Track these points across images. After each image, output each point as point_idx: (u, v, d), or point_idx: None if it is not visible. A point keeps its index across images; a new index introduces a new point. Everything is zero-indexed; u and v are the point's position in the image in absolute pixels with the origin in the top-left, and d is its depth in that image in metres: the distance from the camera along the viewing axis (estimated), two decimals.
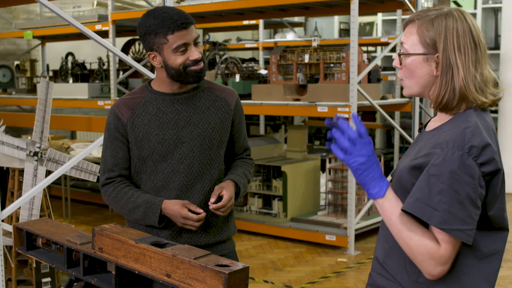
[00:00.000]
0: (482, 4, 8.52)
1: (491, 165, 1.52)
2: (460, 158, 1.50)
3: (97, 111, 8.45)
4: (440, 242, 1.52)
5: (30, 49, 9.41)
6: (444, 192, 1.51)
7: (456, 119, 1.61)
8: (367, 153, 1.57)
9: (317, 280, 4.75)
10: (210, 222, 2.28)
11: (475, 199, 1.50)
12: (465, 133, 1.53)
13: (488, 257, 1.60)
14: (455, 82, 1.59)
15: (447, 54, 1.60)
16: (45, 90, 3.79)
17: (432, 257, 1.53)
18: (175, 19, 2.12)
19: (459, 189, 1.49)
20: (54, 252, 2.02)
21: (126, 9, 7.22)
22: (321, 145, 10.82)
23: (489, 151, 1.52)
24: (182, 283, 1.57)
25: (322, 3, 6.27)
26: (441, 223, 1.51)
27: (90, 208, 7.43)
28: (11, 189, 3.89)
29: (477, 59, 1.60)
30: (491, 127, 1.61)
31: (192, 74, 2.18)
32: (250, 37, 11.45)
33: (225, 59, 6.51)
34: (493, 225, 1.59)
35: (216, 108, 2.28)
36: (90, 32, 3.42)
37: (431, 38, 1.62)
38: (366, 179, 1.58)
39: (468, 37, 1.60)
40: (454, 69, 1.59)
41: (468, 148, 1.51)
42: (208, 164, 2.26)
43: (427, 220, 1.52)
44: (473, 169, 1.50)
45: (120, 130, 2.24)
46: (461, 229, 1.50)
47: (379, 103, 5.77)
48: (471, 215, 1.50)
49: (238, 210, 6.27)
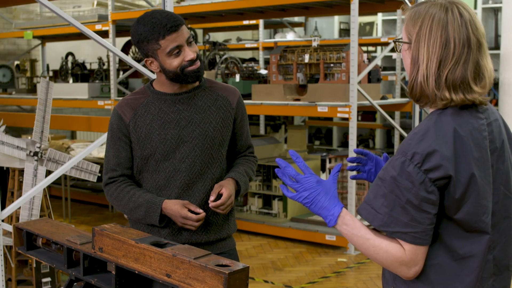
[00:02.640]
0: (482, 4, 8.52)
1: (438, 171, 1.50)
2: (401, 164, 1.52)
3: (97, 111, 8.46)
4: (403, 246, 1.54)
5: (30, 49, 9.41)
6: (386, 196, 1.53)
7: (427, 117, 1.61)
8: (310, 186, 1.61)
9: (317, 280, 4.75)
10: (211, 220, 2.29)
11: (418, 204, 1.51)
12: (413, 139, 1.53)
13: (464, 258, 1.58)
14: (418, 75, 1.58)
15: (417, 46, 1.58)
16: (45, 90, 3.79)
17: (402, 263, 1.55)
18: (164, 23, 2.12)
19: (399, 194, 1.52)
20: (54, 252, 2.02)
21: (126, 9, 7.23)
22: (321, 145, 10.82)
23: (435, 157, 1.49)
24: (182, 283, 1.57)
25: (322, 3, 6.27)
26: (382, 225, 1.54)
27: (90, 208, 7.43)
28: (11, 189, 3.89)
29: (446, 55, 1.54)
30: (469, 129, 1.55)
31: (190, 74, 2.19)
32: (250, 37, 11.45)
33: (225, 59, 6.51)
34: (465, 229, 1.57)
35: (218, 107, 2.29)
36: (90, 32, 3.42)
37: (409, 29, 1.61)
38: (316, 210, 1.62)
39: (440, 31, 1.55)
40: (420, 62, 1.57)
41: (411, 155, 1.51)
42: (209, 163, 2.27)
43: (370, 222, 1.56)
44: (413, 176, 1.50)
45: (122, 130, 2.25)
46: (404, 232, 1.52)
47: (379, 103, 5.77)
48: (415, 218, 1.51)
49: (238, 210, 6.27)
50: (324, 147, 10.60)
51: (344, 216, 1.61)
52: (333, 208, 1.61)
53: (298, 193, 1.62)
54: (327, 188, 1.63)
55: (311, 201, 1.61)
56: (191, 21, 7.75)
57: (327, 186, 1.63)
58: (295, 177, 1.62)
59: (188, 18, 7.58)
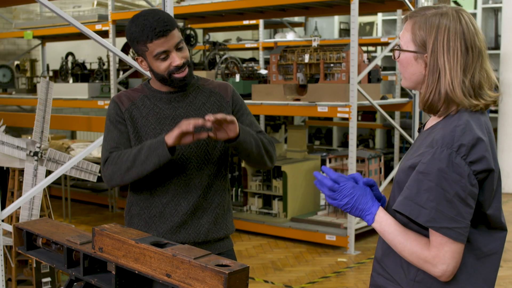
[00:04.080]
0: (482, 4, 8.52)
1: (482, 163, 1.52)
2: (448, 156, 1.51)
3: (97, 111, 8.46)
4: (433, 243, 1.53)
5: (30, 49, 9.41)
6: (432, 190, 1.51)
7: (449, 117, 1.62)
8: (347, 193, 1.67)
9: (317, 280, 4.75)
10: (208, 219, 2.29)
11: (465, 197, 1.50)
12: (455, 131, 1.54)
13: (487, 256, 1.60)
14: (441, 85, 1.59)
15: (435, 56, 1.60)
16: (45, 90, 3.79)
17: (426, 261, 1.55)
18: (154, 27, 2.12)
19: (447, 187, 1.50)
20: (54, 252, 2.02)
21: (126, 9, 7.23)
22: (321, 145, 10.82)
23: (479, 148, 1.52)
24: (182, 283, 1.57)
25: (322, 3, 6.27)
26: (429, 221, 1.52)
27: (90, 208, 7.43)
28: (11, 189, 3.89)
29: (467, 63, 1.59)
30: (485, 126, 1.61)
31: (176, 81, 2.21)
32: (250, 37, 11.45)
33: (225, 59, 6.51)
34: (492, 224, 1.60)
35: (212, 103, 2.30)
36: (90, 32, 3.42)
37: (422, 37, 1.62)
38: (356, 214, 1.68)
39: (459, 40, 1.58)
40: (441, 72, 1.59)
41: (457, 147, 1.51)
42: (206, 159, 2.27)
43: (415, 218, 1.54)
44: (462, 168, 1.50)
45: (121, 116, 2.26)
46: (450, 227, 1.50)
47: (379, 103, 5.77)
48: (461, 213, 1.50)
49: (238, 210, 6.27)
50: (324, 147, 10.60)
51: (380, 213, 1.65)
52: (371, 208, 1.65)
53: (338, 200, 1.68)
54: (362, 190, 1.67)
55: (351, 206, 1.67)
56: (191, 21, 7.75)
57: (362, 188, 1.68)
58: (332, 188, 1.67)
59: (188, 18, 7.59)
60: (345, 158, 5.83)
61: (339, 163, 5.98)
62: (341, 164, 5.94)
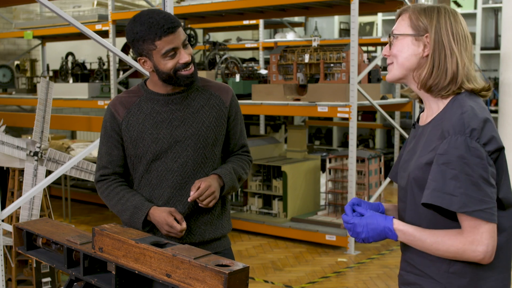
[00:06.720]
0: (482, 4, 8.52)
1: (492, 143, 1.57)
2: (464, 142, 1.55)
3: (97, 111, 8.46)
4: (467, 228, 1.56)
5: (30, 49, 9.41)
6: (457, 177, 1.55)
7: (450, 107, 1.65)
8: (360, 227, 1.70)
9: (317, 280, 4.75)
10: (204, 221, 2.29)
11: (488, 178, 1.55)
12: (463, 118, 1.58)
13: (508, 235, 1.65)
14: (447, 63, 1.65)
15: (439, 36, 1.65)
16: (45, 90, 3.79)
17: (464, 249, 1.57)
18: (162, 24, 2.11)
19: (470, 172, 1.54)
20: (54, 252, 2.02)
21: (126, 9, 7.23)
22: (321, 145, 10.82)
23: (488, 129, 1.57)
24: (182, 283, 1.57)
25: (322, 3, 6.27)
26: (461, 207, 1.55)
27: (90, 208, 7.43)
28: (11, 189, 3.89)
29: (466, 47, 1.66)
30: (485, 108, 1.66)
31: (182, 78, 2.19)
32: (250, 37, 11.45)
33: (225, 59, 6.51)
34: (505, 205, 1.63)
35: (211, 107, 2.29)
36: (90, 32, 3.42)
37: (421, 21, 1.68)
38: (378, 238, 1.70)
39: (460, 27, 1.67)
40: (447, 51, 1.65)
41: (470, 132, 1.55)
42: (202, 163, 2.27)
43: (447, 206, 1.56)
44: (479, 150, 1.55)
45: (115, 129, 2.26)
46: (481, 209, 1.54)
47: (379, 103, 5.77)
48: (488, 193, 1.55)
49: (238, 210, 6.28)
50: (324, 147, 10.60)
51: (397, 228, 1.67)
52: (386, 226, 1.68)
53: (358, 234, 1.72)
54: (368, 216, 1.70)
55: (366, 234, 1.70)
56: (191, 21, 7.75)
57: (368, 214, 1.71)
58: (346, 226, 1.75)
59: (188, 18, 7.58)
60: (345, 158, 5.83)
61: (339, 163, 5.98)
62: (341, 164, 5.94)
